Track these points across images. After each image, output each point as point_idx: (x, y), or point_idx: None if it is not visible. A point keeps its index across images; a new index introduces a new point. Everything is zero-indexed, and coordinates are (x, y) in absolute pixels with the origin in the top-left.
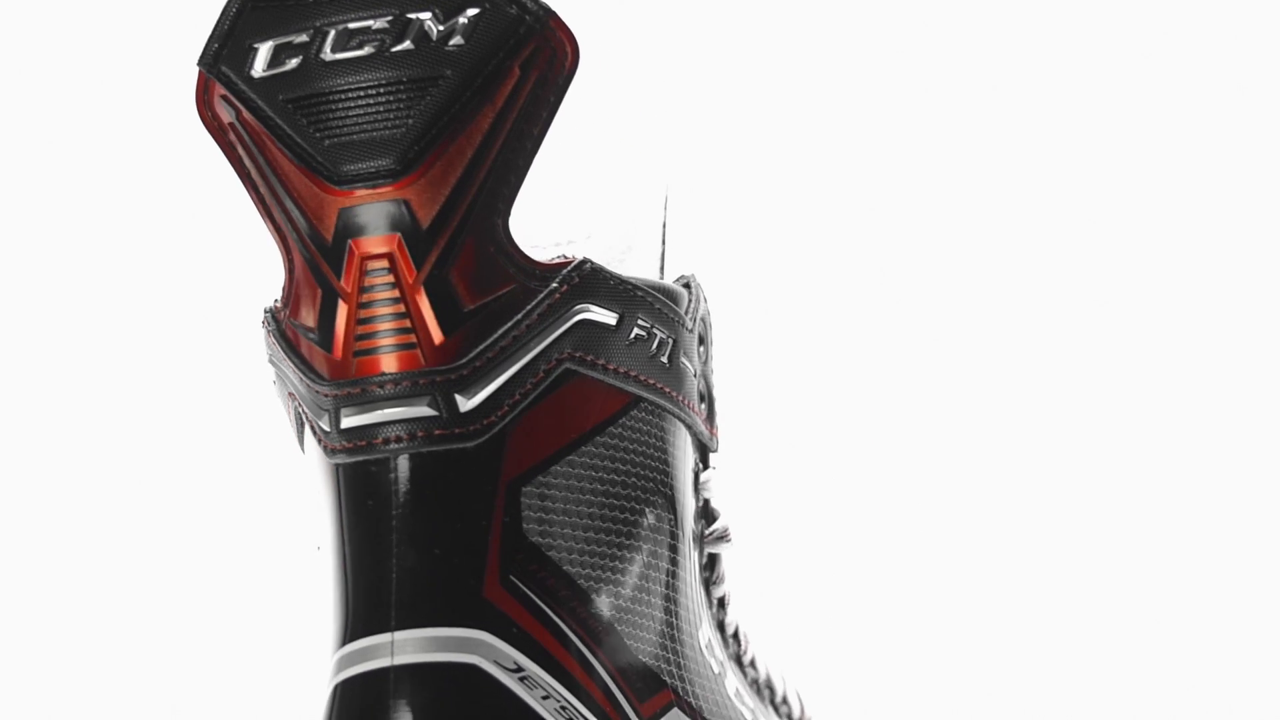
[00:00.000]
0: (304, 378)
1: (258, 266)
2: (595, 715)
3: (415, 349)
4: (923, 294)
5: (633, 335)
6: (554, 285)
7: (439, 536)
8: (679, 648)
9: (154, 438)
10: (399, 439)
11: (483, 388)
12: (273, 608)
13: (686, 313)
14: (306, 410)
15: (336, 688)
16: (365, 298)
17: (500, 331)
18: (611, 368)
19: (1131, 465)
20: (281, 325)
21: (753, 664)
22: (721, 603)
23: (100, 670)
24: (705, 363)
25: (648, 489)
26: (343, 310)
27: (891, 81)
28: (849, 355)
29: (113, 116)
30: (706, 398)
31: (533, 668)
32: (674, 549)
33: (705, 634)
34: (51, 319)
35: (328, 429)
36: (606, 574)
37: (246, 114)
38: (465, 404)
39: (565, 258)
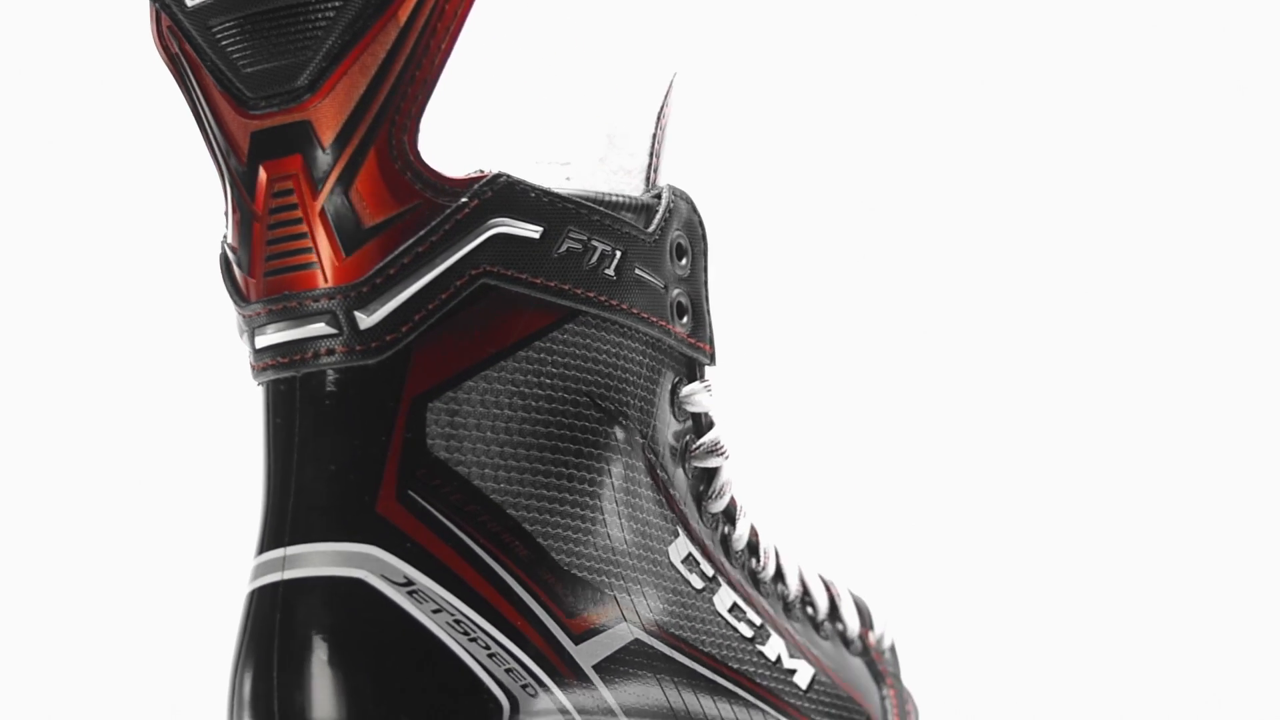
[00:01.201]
0: (233, 301)
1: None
2: (498, 628)
3: (315, 268)
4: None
5: (563, 249)
6: (463, 200)
7: (337, 453)
8: (634, 562)
9: (151, 435)
10: (302, 357)
11: (383, 304)
12: None
13: (652, 225)
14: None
15: (248, 596)
16: (273, 219)
17: (402, 248)
18: (536, 281)
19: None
20: (223, 253)
21: (779, 579)
22: (726, 517)
23: (99, 670)
24: (690, 275)
25: (582, 403)
26: (255, 232)
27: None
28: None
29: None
30: (691, 310)
31: (424, 582)
32: (621, 463)
33: (680, 549)
34: (49, 315)
35: (248, 350)
36: (527, 488)
37: (185, 43)
38: (365, 321)
39: (481, 172)
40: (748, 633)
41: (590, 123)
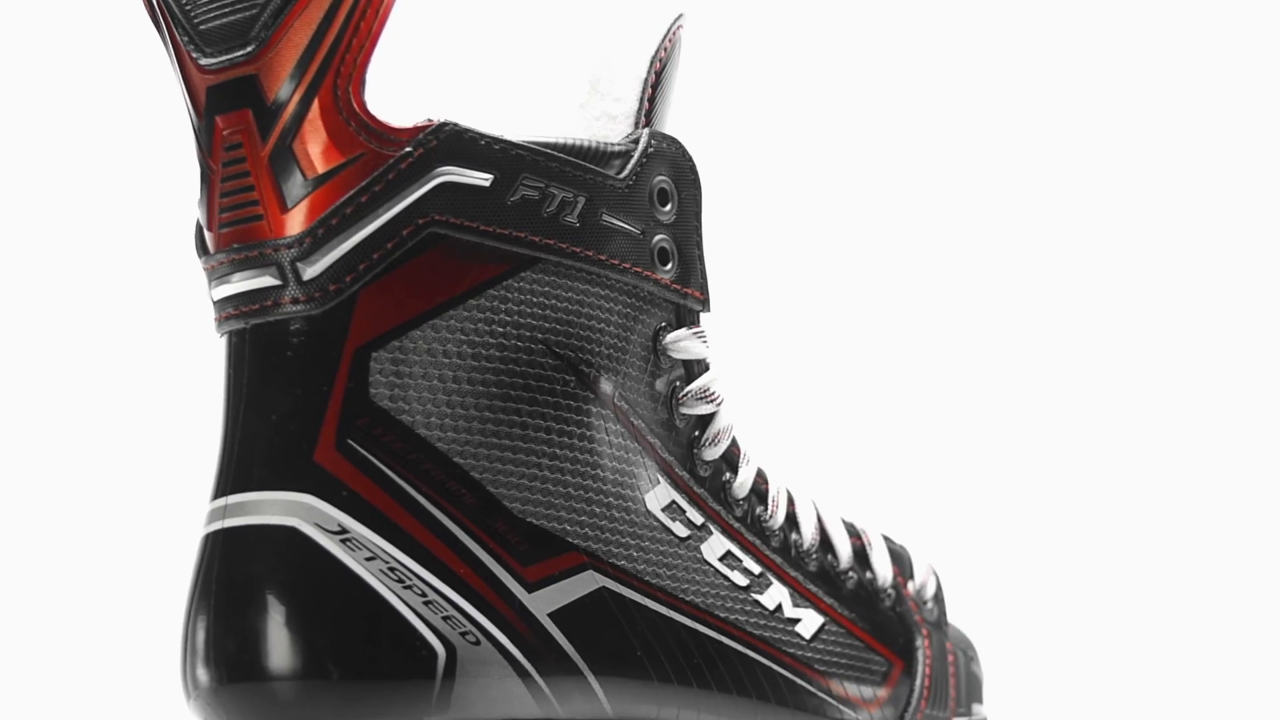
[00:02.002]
0: (198, 255)
1: None
2: (437, 575)
3: (262, 220)
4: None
5: (518, 196)
6: (406, 150)
7: (279, 403)
8: (601, 510)
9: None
10: (250, 309)
11: (326, 255)
12: None
13: (625, 171)
14: None
15: (200, 541)
16: (225, 172)
17: (344, 198)
18: (489, 230)
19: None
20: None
21: (792, 527)
22: (726, 464)
23: (99, 668)
24: (676, 221)
25: (537, 351)
26: (211, 185)
27: None
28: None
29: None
30: (677, 256)
31: (358, 529)
32: (582, 411)
33: (661, 497)
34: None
35: (210, 302)
36: (475, 437)
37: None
38: (309, 272)
39: (430, 121)
40: (742, 581)
41: (569, 68)
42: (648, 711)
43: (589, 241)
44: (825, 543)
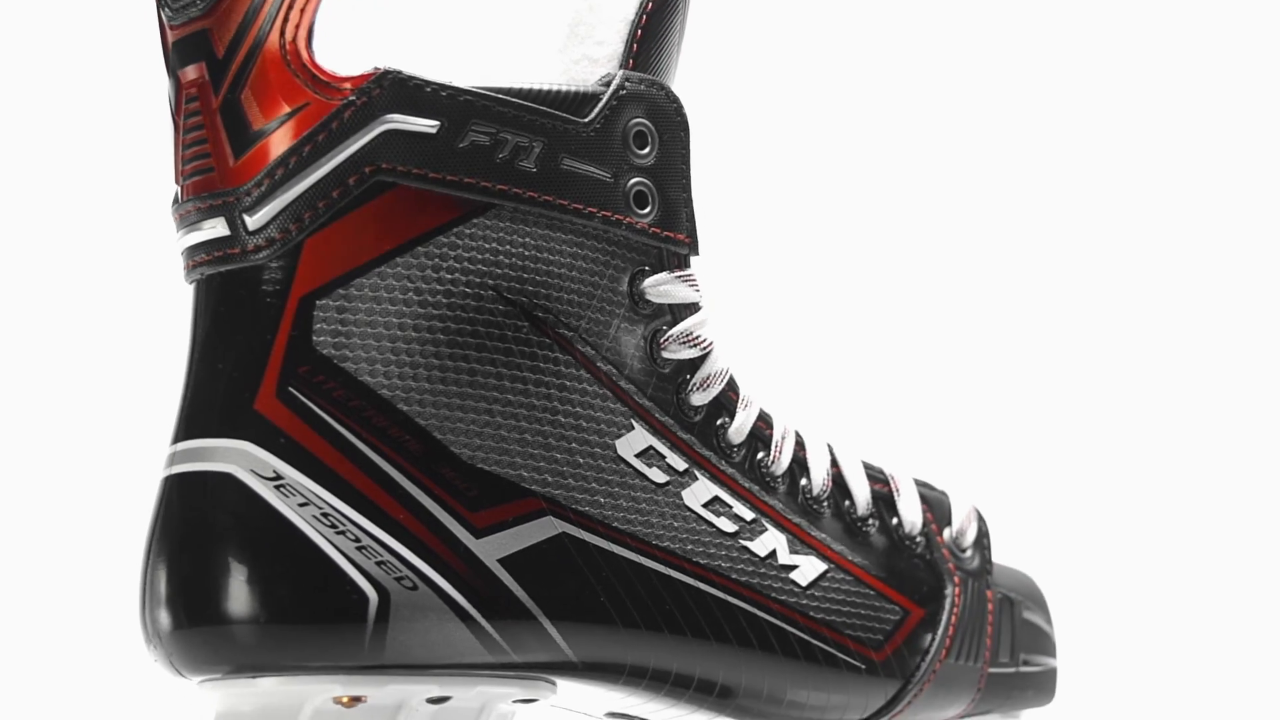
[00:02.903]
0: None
1: None
2: (373, 520)
3: (213, 172)
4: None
5: (467, 142)
6: (350, 98)
7: (225, 351)
8: (563, 456)
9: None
10: (204, 259)
11: (271, 205)
12: None
13: (591, 115)
14: None
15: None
16: (185, 124)
17: (288, 148)
18: (437, 176)
19: None
20: None
21: (800, 472)
22: (720, 409)
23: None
24: (656, 164)
25: (487, 298)
26: (176, 138)
27: None
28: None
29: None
30: (657, 200)
31: (293, 475)
32: (538, 356)
33: (635, 442)
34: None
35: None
36: (421, 383)
37: None
38: (254, 222)
39: (377, 69)
40: (729, 527)
41: (548, 11)
42: (616, 656)
43: (546, 187)
44: (842, 488)
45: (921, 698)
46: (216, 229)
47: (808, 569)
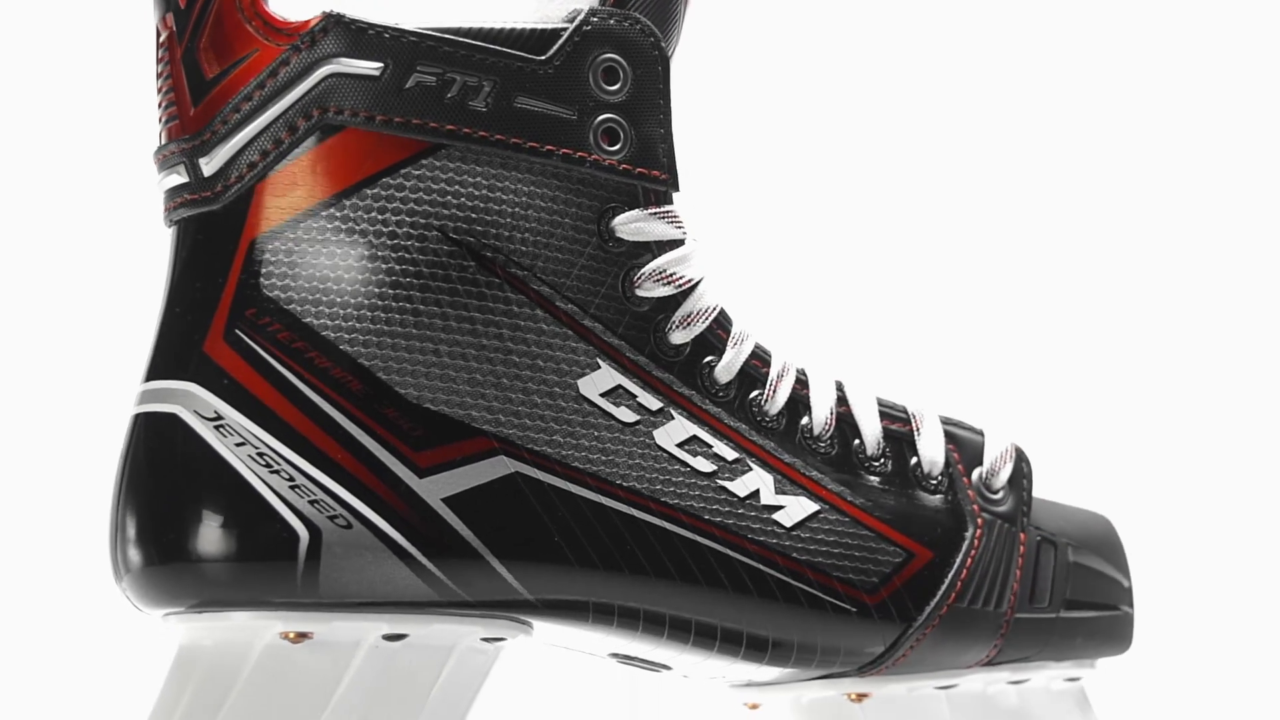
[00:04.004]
0: None
1: None
2: (308, 459)
3: (177, 120)
4: None
5: (413, 83)
6: (295, 43)
7: (183, 295)
8: (518, 396)
9: None
10: (173, 205)
11: (223, 152)
12: None
13: (549, 52)
14: None
15: None
16: (161, 73)
17: (239, 95)
18: (382, 118)
19: None
20: None
21: (801, 410)
22: (705, 346)
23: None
24: (629, 100)
25: (431, 238)
26: (158, 87)
27: None
28: None
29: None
30: (631, 136)
31: (233, 416)
32: (486, 296)
33: (600, 381)
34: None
35: None
36: (365, 324)
37: None
38: (208, 168)
39: (324, 13)
40: (706, 467)
41: None
42: (576, 594)
43: (499, 126)
44: (850, 427)
45: (926, 643)
46: (181, 175)
47: (795, 510)
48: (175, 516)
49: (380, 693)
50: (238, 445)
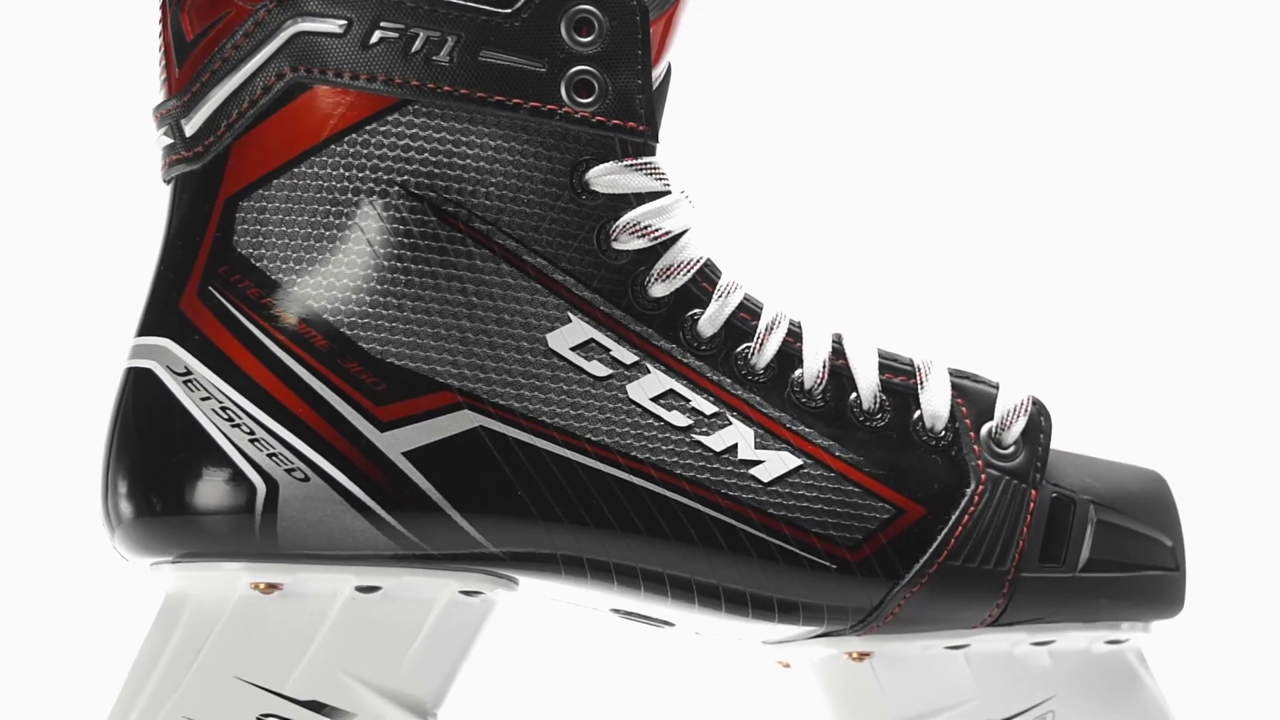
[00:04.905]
0: None
1: None
2: (270, 413)
3: (168, 81)
4: None
5: (376, 40)
6: (264, 3)
7: (168, 253)
8: (484, 350)
9: None
10: (165, 165)
11: (200, 112)
12: None
13: (515, 4)
14: None
15: None
16: (160, 37)
17: (211, 56)
18: (349, 75)
19: None
20: None
21: (791, 363)
22: (687, 299)
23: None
24: (604, 51)
25: (394, 193)
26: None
27: None
28: None
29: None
30: (607, 88)
31: (201, 371)
32: (449, 250)
33: (571, 335)
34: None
35: None
36: (329, 279)
37: None
38: (189, 129)
39: None
40: (681, 421)
41: None
42: (541, 547)
43: (463, 80)
44: (845, 381)
45: (915, 601)
46: (170, 135)
47: (775, 465)
48: (151, 471)
49: (358, 644)
50: (203, 400)
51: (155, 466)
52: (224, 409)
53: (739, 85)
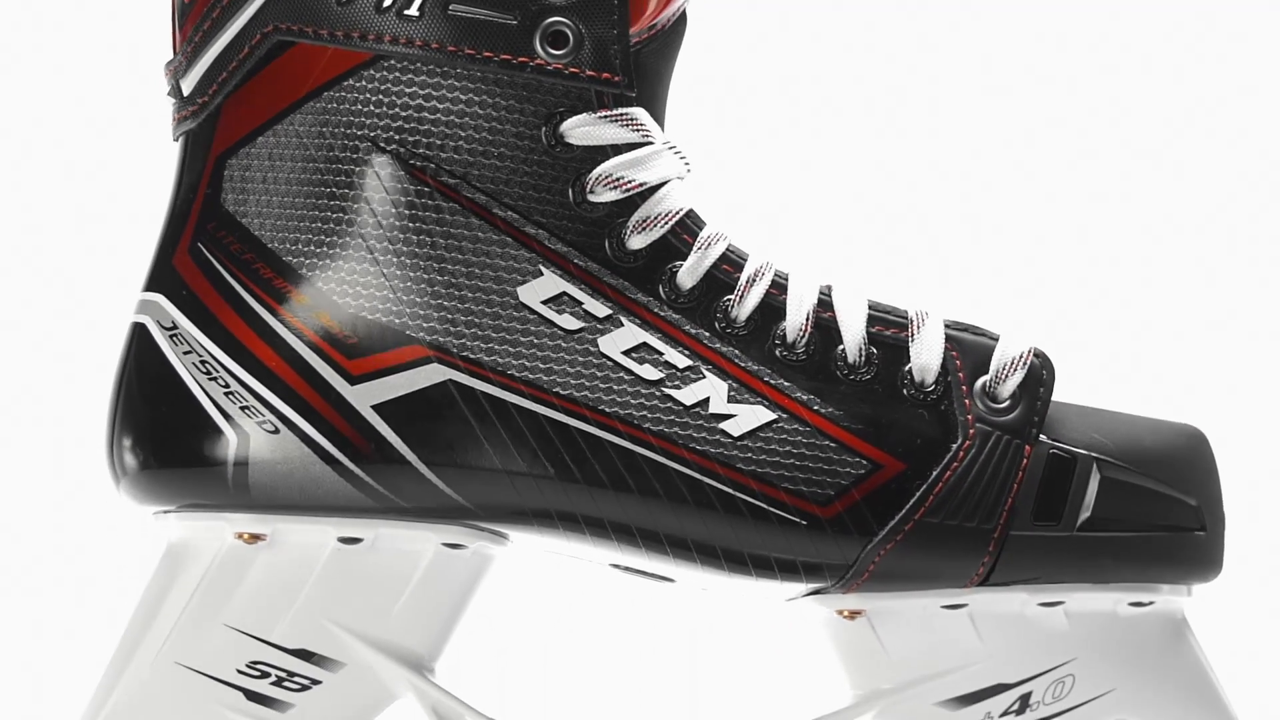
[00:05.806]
0: None
1: None
2: (245, 366)
3: (173, 39)
4: None
5: None
6: None
7: (171, 209)
8: (453, 304)
9: None
10: (173, 123)
11: (195, 71)
12: None
13: None
14: None
15: None
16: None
17: (201, 16)
18: (323, 33)
19: None
20: None
21: (774, 316)
22: (666, 251)
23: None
24: (576, 1)
25: (363, 148)
26: None
27: None
28: None
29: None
30: (583, 39)
31: (185, 325)
32: (417, 204)
33: (542, 289)
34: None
35: None
36: (305, 235)
37: None
38: (186, 87)
39: None
40: (652, 375)
41: None
42: (506, 500)
43: (433, 34)
44: (831, 333)
45: (891, 558)
46: (172, 95)
47: (746, 419)
48: (144, 424)
49: (345, 595)
50: (185, 354)
51: (146, 420)
52: (203, 363)
53: (739, 85)
